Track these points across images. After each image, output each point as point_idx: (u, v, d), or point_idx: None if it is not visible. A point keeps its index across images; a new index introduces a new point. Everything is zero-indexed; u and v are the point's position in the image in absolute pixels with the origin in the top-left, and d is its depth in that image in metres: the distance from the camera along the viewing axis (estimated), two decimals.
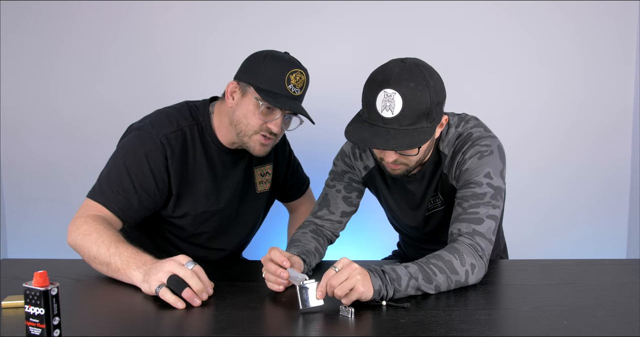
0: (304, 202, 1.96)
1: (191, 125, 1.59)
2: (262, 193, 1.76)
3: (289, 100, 1.50)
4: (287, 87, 1.50)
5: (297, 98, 1.53)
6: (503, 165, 1.43)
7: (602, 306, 1.22)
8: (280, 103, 1.48)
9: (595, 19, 2.40)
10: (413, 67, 1.30)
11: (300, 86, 1.52)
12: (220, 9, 2.40)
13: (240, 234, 1.76)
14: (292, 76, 1.50)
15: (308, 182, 1.97)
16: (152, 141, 1.53)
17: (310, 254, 1.46)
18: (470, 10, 2.39)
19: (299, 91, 1.52)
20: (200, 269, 1.28)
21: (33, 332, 1.02)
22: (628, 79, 2.43)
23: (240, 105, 1.53)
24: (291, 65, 1.51)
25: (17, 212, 2.56)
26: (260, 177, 1.74)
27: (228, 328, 1.11)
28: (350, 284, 1.17)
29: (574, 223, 2.52)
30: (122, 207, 1.50)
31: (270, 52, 1.54)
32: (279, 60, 1.52)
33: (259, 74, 1.50)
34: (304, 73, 1.54)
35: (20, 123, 2.50)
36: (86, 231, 1.41)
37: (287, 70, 1.50)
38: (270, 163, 1.76)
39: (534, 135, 2.48)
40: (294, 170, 1.89)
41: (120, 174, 1.51)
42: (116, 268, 1.35)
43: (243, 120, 1.53)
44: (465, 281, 1.30)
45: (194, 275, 1.25)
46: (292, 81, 1.50)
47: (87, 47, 2.43)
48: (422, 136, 1.29)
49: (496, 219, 1.38)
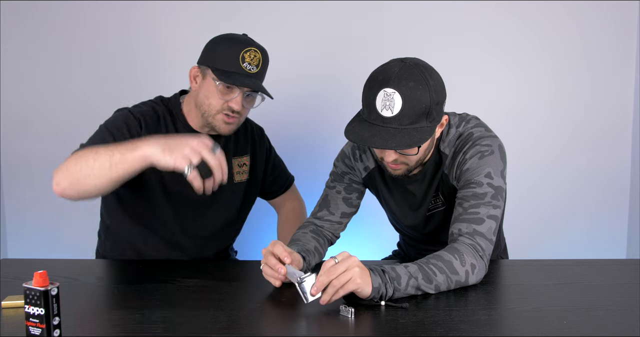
0: (288, 198, 1.96)
1: (164, 111, 1.69)
2: (239, 183, 1.79)
3: (245, 77, 1.56)
4: (242, 65, 1.56)
5: (253, 75, 1.58)
6: (504, 165, 1.43)
7: (602, 306, 1.22)
8: (234, 80, 1.54)
9: (595, 19, 2.40)
10: (413, 67, 1.30)
11: (256, 64, 1.58)
12: (221, 9, 2.40)
13: (215, 222, 1.75)
14: (247, 55, 1.56)
15: (291, 180, 1.98)
16: (131, 114, 1.64)
17: (310, 253, 1.46)
18: (470, 10, 2.39)
19: (255, 69, 1.58)
20: (223, 154, 1.37)
21: (33, 332, 1.02)
22: (628, 80, 2.43)
23: (202, 87, 1.61)
24: (245, 45, 1.58)
25: (17, 212, 2.56)
26: (238, 167, 1.78)
27: (228, 328, 1.11)
28: (348, 276, 1.17)
29: (574, 223, 2.52)
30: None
31: (226, 35, 1.62)
32: (234, 41, 1.59)
33: (215, 55, 1.58)
34: (259, 51, 1.59)
35: (20, 123, 2.50)
36: (71, 157, 1.43)
37: (240, 49, 1.56)
38: (247, 155, 1.80)
39: (534, 136, 2.48)
40: (275, 165, 1.91)
41: (102, 134, 1.60)
42: (121, 155, 1.35)
43: (205, 101, 1.60)
44: (465, 281, 1.30)
45: (219, 166, 1.35)
46: (247, 59, 1.56)
47: (87, 47, 2.43)
48: (421, 136, 1.29)
49: (497, 219, 1.38)
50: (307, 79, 2.43)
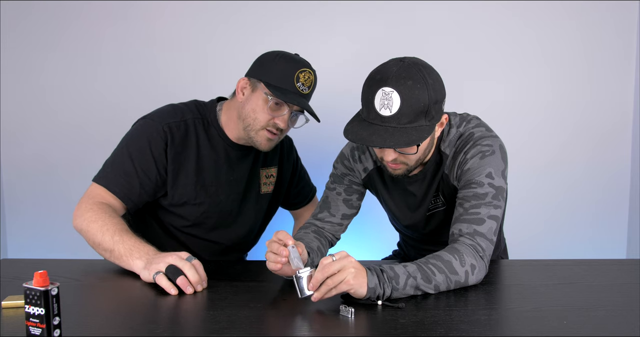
0: (309, 210, 1.99)
1: (196, 119, 1.66)
2: (265, 194, 1.79)
3: (297, 97, 1.57)
4: (296, 85, 1.56)
5: (304, 96, 1.59)
6: (505, 165, 1.43)
7: (602, 306, 1.22)
8: (289, 98, 1.54)
9: (595, 19, 2.40)
10: (411, 66, 1.30)
11: (309, 85, 1.59)
12: (222, 8, 2.40)
13: (239, 231, 1.77)
14: (302, 75, 1.57)
15: (314, 191, 2.00)
16: (154, 128, 1.60)
17: (313, 252, 1.47)
18: (470, 10, 2.39)
19: (307, 90, 1.59)
20: (199, 263, 1.36)
21: (33, 332, 1.02)
22: (628, 80, 2.43)
23: (250, 100, 1.60)
24: (301, 65, 1.58)
25: (17, 212, 2.56)
26: (265, 178, 1.78)
27: (228, 328, 1.11)
28: (342, 276, 1.17)
29: (574, 223, 2.52)
30: (123, 190, 1.57)
31: (281, 52, 1.61)
32: (290, 59, 1.59)
33: (270, 71, 1.57)
34: (313, 73, 1.61)
35: (20, 123, 2.50)
36: (91, 218, 1.48)
37: (296, 69, 1.57)
38: (275, 166, 1.81)
39: (535, 136, 2.48)
40: (300, 177, 1.92)
41: (123, 159, 1.59)
42: (119, 255, 1.42)
43: (252, 114, 1.59)
44: (465, 282, 1.30)
45: (191, 267, 1.33)
46: (302, 79, 1.57)
47: (87, 47, 2.43)
48: (420, 134, 1.29)
49: (497, 220, 1.38)
50: None
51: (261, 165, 1.77)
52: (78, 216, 1.51)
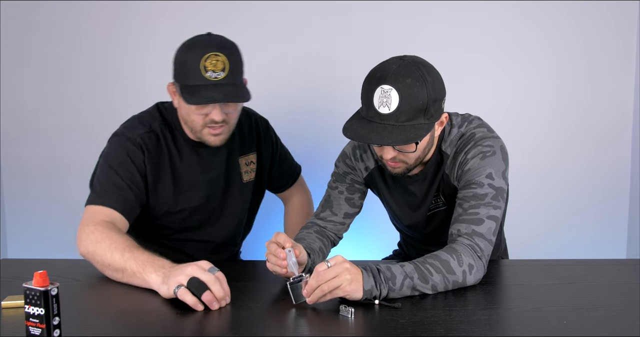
0: (296, 192, 1.94)
1: (161, 125, 1.62)
2: (248, 183, 1.75)
3: (211, 90, 1.45)
4: (206, 75, 1.45)
5: (221, 82, 1.46)
6: (505, 166, 1.43)
7: (602, 306, 1.22)
8: (197, 99, 1.45)
9: (595, 19, 2.40)
10: (411, 64, 1.30)
11: (222, 68, 1.46)
12: (221, 9, 2.40)
13: (227, 226, 1.75)
14: (207, 62, 1.45)
15: (299, 171, 1.94)
16: (131, 141, 1.57)
17: (315, 252, 1.46)
18: (471, 9, 2.39)
19: (222, 74, 1.46)
20: (223, 276, 1.25)
21: (33, 332, 1.02)
22: (628, 80, 2.43)
23: (180, 105, 1.56)
24: (204, 50, 1.46)
25: (17, 212, 2.56)
26: (245, 166, 1.73)
27: (228, 328, 1.11)
28: (337, 282, 1.17)
29: (574, 223, 2.52)
30: (121, 203, 1.52)
31: (186, 41, 1.52)
32: (193, 47, 1.48)
33: (179, 69, 1.50)
34: (221, 53, 1.46)
35: (20, 123, 2.50)
36: (97, 239, 1.40)
37: (200, 57, 1.45)
38: (254, 152, 1.75)
39: (534, 136, 2.48)
40: (282, 158, 1.85)
41: (110, 175, 1.54)
42: (132, 273, 1.32)
43: (187, 118, 1.55)
44: (463, 282, 1.30)
45: (216, 281, 1.22)
46: (209, 67, 1.45)
47: (86, 47, 2.43)
48: (419, 132, 1.29)
49: (497, 220, 1.38)
50: (307, 77, 2.43)
51: (239, 154, 1.71)
52: (82, 239, 1.42)
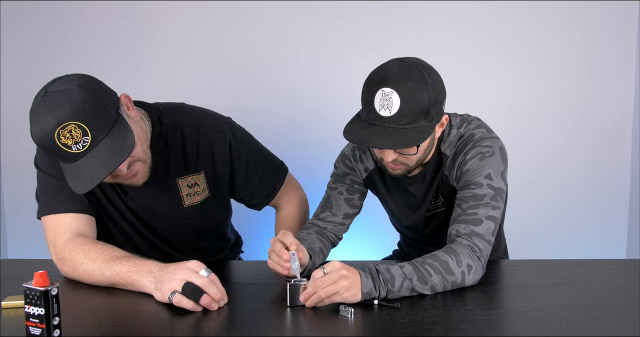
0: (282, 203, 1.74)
1: None
2: (190, 207, 1.55)
3: (75, 166, 1.21)
4: (64, 150, 1.18)
5: (83, 154, 1.20)
6: (504, 167, 1.43)
7: (602, 306, 1.22)
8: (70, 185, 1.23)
9: (595, 19, 2.40)
10: (412, 66, 1.30)
11: (78, 139, 1.18)
12: (221, 10, 2.40)
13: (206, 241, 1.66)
14: (61, 134, 1.17)
15: (277, 188, 1.68)
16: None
17: (316, 253, 1.46)
18: (470, 10, 2.39)
19: (84, 144, 1.18)
20: (216, 277, 1.23)
21: (33, 332, 1.02)
22: (628, 80, 2.43)
23: None
24: (52, 122, 1.17)
25: (17, 212, 2.56)
26: (188, 188, 1.53)
27: (228, 328, 1.11)
28: (334, 289, 1.18)
29: (574, 223, 2.52)
30: (73, 202, 1.42)
31: (33, 108, 1.22)
32: (40, 117, 1.19)
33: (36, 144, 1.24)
34: (77, 123, 1.17)
35: (20, 123, 2.48)
36: (72, 264, 1.36)
37: (51, 131, 1.17)
38: (200, 172, 1.53)
39: (534, 136, 2.48)
40: (248, 175, 1.61)
41: (46, 181, 1.44)
42: (125, 285, 1.31)
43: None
44: (461, 282, 1.30)
45: (212, 284, 1.19)
46: (63, 140, 1.17)
47: (86, 47, 2.43)
48: (420, 135, 1.29)
49: (496, 220, 1.38)
50: (307, 78, 2.44)
51: (177, 176, 1.51)
52: (60, 265, 1.40)
